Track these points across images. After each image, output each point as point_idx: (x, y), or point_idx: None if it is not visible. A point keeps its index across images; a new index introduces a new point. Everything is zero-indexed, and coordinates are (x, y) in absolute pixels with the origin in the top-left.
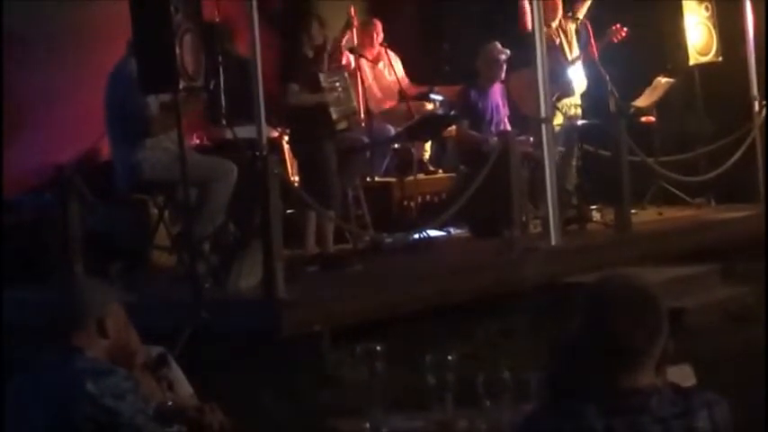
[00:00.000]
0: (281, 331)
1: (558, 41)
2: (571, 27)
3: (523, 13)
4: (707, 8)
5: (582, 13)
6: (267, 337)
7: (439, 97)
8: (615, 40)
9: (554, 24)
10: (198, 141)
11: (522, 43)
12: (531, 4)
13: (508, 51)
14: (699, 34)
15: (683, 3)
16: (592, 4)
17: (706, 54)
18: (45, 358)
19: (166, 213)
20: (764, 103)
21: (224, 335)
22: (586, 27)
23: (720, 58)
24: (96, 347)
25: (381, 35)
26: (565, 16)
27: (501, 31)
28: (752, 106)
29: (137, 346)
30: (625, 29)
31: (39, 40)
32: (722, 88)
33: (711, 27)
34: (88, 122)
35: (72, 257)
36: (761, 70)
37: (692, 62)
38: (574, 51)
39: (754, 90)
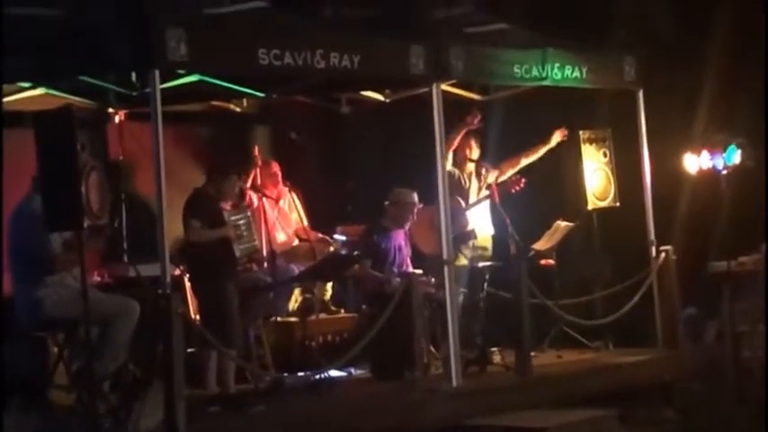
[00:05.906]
0: None
1: (467, 186)
2: (485, 175)
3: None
4: (605, 154)
5: (489, 178)
6: None
7: (342, 237)
8: (514, 191)
9: (467, 169)
10: (99, 279)
11: (425, 183)
12: (439, 148)
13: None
14: (597, 179)
15: (582, 148)
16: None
17: (604, 199)
18: None
19: (66, 351)
20: (661, 248)
21: None
22: (487, 171)
23: (618, 204)
24: None
25: (280, 175)
26: (478, 163)
27: (404, 169)
28: (649, 251)
29: None
30: (524, 180)
31: None
32: (620, 233)
33: (609, 173)
34: None
35: None
36: (657, 216)
37: (590, 206)
38: (481, 196)
39: (651, 235)
